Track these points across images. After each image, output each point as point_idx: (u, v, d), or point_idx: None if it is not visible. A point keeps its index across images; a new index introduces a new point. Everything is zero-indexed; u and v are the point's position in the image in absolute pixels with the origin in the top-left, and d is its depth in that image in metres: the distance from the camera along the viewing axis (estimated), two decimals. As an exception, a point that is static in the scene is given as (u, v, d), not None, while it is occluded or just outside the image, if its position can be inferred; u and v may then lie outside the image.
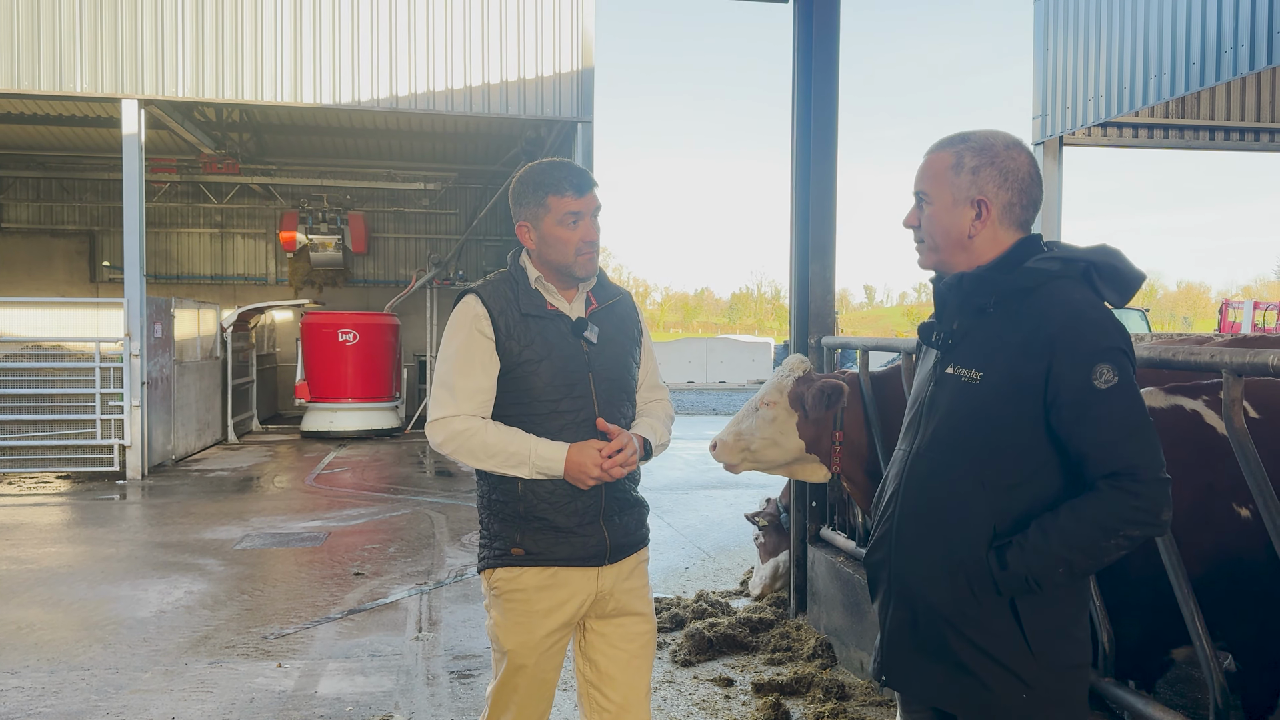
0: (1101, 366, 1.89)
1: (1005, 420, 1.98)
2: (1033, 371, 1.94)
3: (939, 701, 2.13)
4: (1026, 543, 1.92)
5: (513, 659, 2.62)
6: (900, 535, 2.13)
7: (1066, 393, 1.91)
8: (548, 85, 12.21)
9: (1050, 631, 1.99)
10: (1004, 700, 2.00)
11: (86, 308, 12.19)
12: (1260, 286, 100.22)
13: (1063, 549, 1.89)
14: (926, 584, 2.06)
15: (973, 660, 2.01)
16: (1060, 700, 2.01)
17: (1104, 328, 1.93)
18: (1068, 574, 1.92)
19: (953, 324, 2.12)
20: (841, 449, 4.15)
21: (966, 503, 2.01)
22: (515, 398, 2.60)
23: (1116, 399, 1.90)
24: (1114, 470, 1.89)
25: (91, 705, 4.47)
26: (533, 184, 2.63)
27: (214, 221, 19.58)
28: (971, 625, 2.00)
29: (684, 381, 31.79)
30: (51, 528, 8.56)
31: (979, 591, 1.99)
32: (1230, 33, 10.27)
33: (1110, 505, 1.88)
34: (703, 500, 10.25)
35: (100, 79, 11.31)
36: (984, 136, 2.09)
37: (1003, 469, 1.99)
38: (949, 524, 2.03)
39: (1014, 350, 1.97)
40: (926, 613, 2.07)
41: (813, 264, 5.66)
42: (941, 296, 2.14)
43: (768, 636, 5.38)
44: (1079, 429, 1.91)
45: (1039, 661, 1.98)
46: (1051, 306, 1.96)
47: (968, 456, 2.02)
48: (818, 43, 5.60)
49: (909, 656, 2.13)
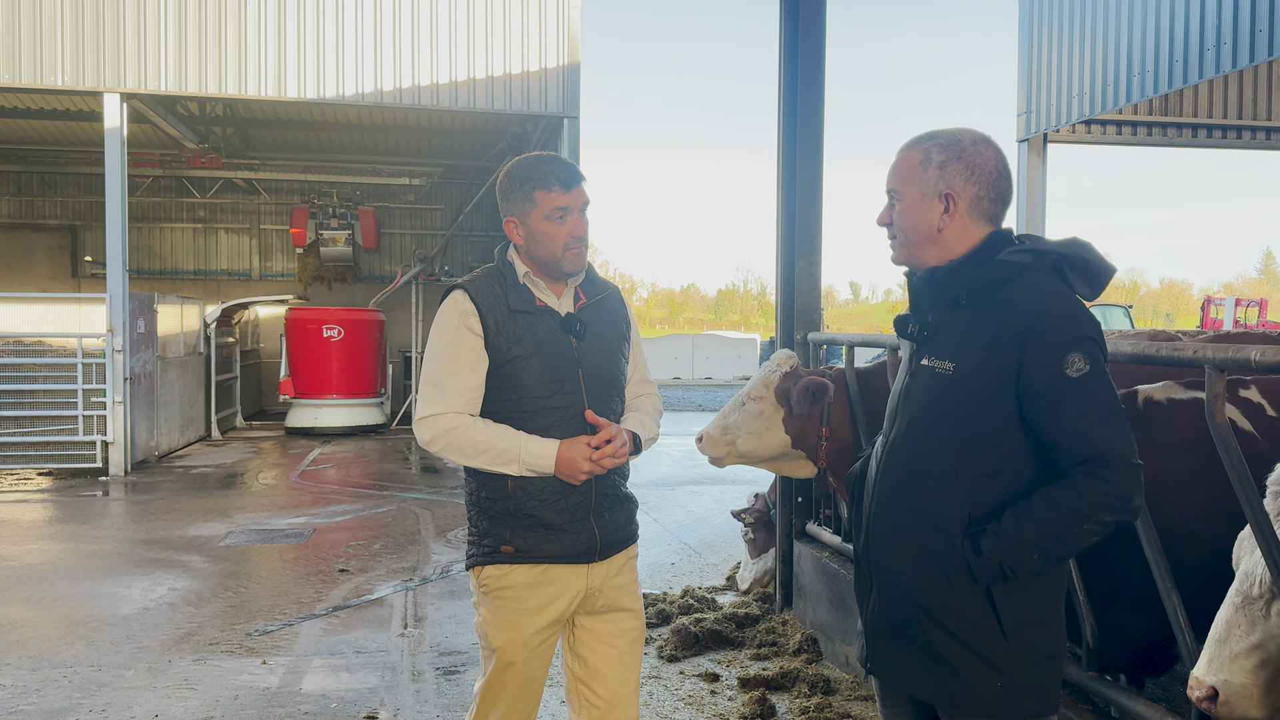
0: (1073, 355, 1.92)
1: (979, 410, 2.01)
2: (1005, 362, 1.97)
3: (915, 690, 2.15)
4: (1001, 530, 1.95)
5: (501, 656, 2.62)
6: (877, 524, 2.16)
7: (1039, 382, 1.94)
8: (533, 80, 12.18)
9: (1025, 620, 2.01)
10: (977, 688, 2.02)
11: (68, 303, 12.04)
12: (1242, 283, 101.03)
13: (1036, 535, 1.92)
14: (903, 572, 2.09)
15: (947, 648, 2.03)
16: (1033, 689, 2.03)
17: (1075, 317, 1.96)
18: (1042, 560, 1.94)
19: (927, 317, 2.15)
20: (828, 444, 4.17)
21: (941, 491, 2.04)
22: (504, 394, 2.58)
23: (1088, 387, 1.92)
24: (1086, 457, 1.92)
25: (74, 703, 4.44)
26: (519, 179, 2.61)
27: (197, 216, 19.46)
28: (947, 613, 2.03)
29: (670, 377, 31.80)
30: (33, 525, 8.49)
31: (954, 579, 2.01)
32: (1213, 31, 10.34)
33: (1083, 492, 1.91)
34: (689, 496, 10.26)
35: (82, 72, 11.21)
36: (951, 133, 2.13)
37: (977, 458, 2.01)
38: (924, 513, 2.06)
39: (986, 341, 2.00)
40: (903, 601, 2.09)
41: (799, 260, 5.67)
42: (916, 290, 2.17)
43: (754, 632, 5.40)
44: (1052, 417, 1.94)
45: (1013, 650, 2.00)
46: (1023, 297, 1.99)
47: (942, 446, 2.05)
48: (804, 39, 5.61)
49: (887, 644, 2.15)
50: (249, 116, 16.15)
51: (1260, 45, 9.61)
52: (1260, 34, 9.58)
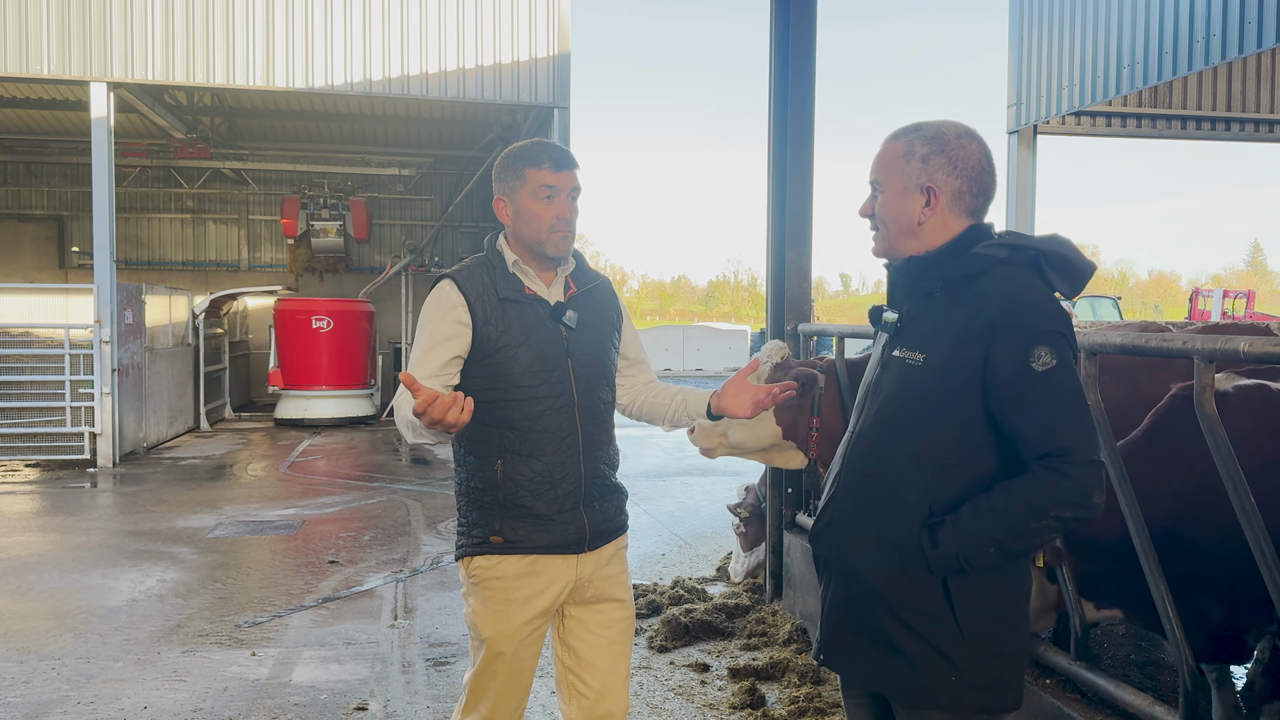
0: (1039, 349, 1.91)
1: (944, 402, 2.00)
2: (972, 354, 1.96)
3: (871, 683, 2.14)
4: (959, 522, 1.94)
5: (491, 646, 2.61)
6: (840, 513, 2.15)
7: (1004, 375, 1.93)
8: (524, 70, 12.13)
9: (982, 615, 2.00)
10: (931, 681, 2.00)
11: (55, 294, 11.99)
12: (1230, 275, 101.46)
13: (994, 529, 1.91)
14: (863, 562, 2.08)
15: (904, 641, 2.02)
16: (990, 685, 2.01)
17: (1043, 310, 1.95)
18: (998, 554, 1.93)
19: (902, 307, 2.15)
20: (818, 435, 4.18)
21: (903, 482, 2.03)
22: (493, 382, 2.58)
23: (1053, 382, 1.91)
24: (1046, 452, 1.90)
25: (62, 695, 4.43)
26: (514, 157, 2.63)
27: (185, 207, 19.35)
28: (904, 605, 2.02)
29: (661, 369, 31.81)
30: (21, 516, 8.45)
31: (912, 570, 2.00)
32: (1202, 23, 10.37)
33: (1042, 486, 1.89)
34: (679, 487, 10.27)
35: (68, 61, 11.12)
36: (936, 126, 2.11)
37: (940, 449, 2.01)
38: (886, 503, 2.05)
39: (955, 333, 1.99)
40: (863, 592, 2.08)
41: (789, 252, 5.67)
42: (892, 280, 2.18)
43: (744, 622, 5.41)
44: (1015, 411, 1.93)
45: (968, 644, 1.98)
46: (992, 290, 1.98)
47: (906, 437, 2.04)
48: (795, 31, 5.60)
49: (846, 637, 2.14)
50: (237, 106, 16.06)
51: (1249, 37, 9.65)
52: (1250, 26, 9.61)
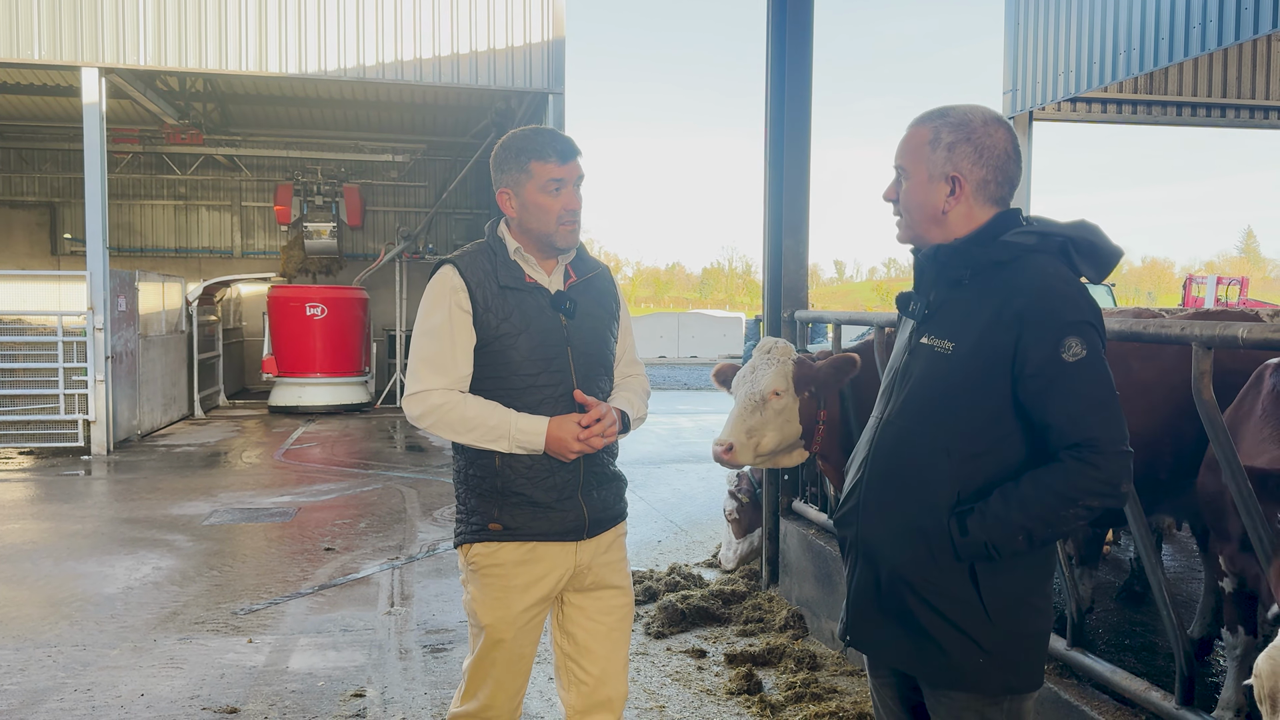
0: (1070, 340, 1.91)
1: (973, 390, 2.00)
2: (1002, 343, 1.96)
3: (899, 663, 2.16)
4: (988, 510, 1.96)
5: (490, 634, 2.61)
6: (867, 500, 2.16)
7: (1034, 365, 1.93)
8: (518, 56, 12.08)
9: (1009, 599, 2.02)
10: (960, 662, 2.03)
11: (48, 280, 11.95)
12: (1223, 262, 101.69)
13: (1022, 517, 1.92)
14: (890, 548, 2.10)
15: (932, 624, 2.04)
16: (1016, 666, 2.04)
17: (1074, 301, 1.95)
18: (1027, 542, 1.95)
19: (929, 295, 2.14)
20: (824, 428, 4.14)
21: (932, 469, 2.04)
22: (492, 371, 2.57)
23: (1083, 372, 1.92)
24: (1076, 442, 1.92)
25: (59, 682, 4.42)
26: (516, 149, 2.59)
27: (178, 193, 19.27)
28: (932, 590, 2.04)
29: (656, 356, 31.85)
30: (15, 504, 8.43)
31: (939, 556, 2.02)
32: (1198, 9, 10.35)
33: (1071, 476, 1.91)
34: (674, 474, 10.29)
35: (59, 46, 11.03)
36: (963, 112, 2.09)
37: (968, 437, 2.02)
38: (914, 490, 2.06)
39: (985, 322, 1.99)
40: (889, 576, 2.10)
41: (786, 239, 5.65)
42: (920, 268, 2.17)
43: (740, 608, 5.42)
44: (1045, 401, 1.94)
45: (996, 628, 2.01)
46: (1023, 279, 1.98)
47: (935, 424, 2.05)
48: (792, 16, 5.56)
49: (872, 619, 2.16)
50: (230, 92, 15.96)
51: (1245, 23, 9.63)
52: (1245, 11, 9.60)
